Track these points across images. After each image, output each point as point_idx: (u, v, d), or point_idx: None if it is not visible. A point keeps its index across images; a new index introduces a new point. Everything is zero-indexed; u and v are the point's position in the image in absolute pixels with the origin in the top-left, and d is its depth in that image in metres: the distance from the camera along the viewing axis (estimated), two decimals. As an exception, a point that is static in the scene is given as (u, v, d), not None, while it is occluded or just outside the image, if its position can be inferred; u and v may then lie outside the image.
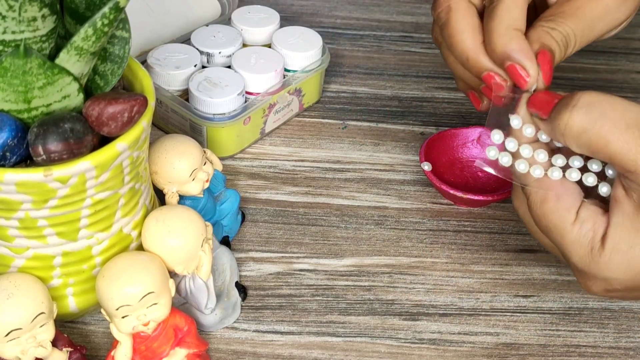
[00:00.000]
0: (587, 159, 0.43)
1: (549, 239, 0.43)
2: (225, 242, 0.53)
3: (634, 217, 0.40)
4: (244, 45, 0.64)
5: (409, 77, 0.70)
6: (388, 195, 0.59)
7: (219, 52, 0.61)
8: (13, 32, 0.37)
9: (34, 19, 0.37)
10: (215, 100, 0.57)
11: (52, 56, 0.38)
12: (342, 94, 0.68)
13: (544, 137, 0.43)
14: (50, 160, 0.38)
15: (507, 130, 0.44)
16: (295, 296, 0.51)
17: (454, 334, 0.50)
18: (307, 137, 0.63)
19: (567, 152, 0.43)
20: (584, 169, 0.43)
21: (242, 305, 0.50)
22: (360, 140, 0.63)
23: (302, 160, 0.61)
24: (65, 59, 0.38)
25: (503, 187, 0.57)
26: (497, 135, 0.44)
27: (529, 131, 0.43)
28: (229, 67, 0.61)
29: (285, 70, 0.62)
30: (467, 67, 0.47)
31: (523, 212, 0.46)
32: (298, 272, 0.53)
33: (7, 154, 0.38)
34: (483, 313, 0.51)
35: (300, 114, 0.65)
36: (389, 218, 0.57)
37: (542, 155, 0.43)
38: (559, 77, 0.70)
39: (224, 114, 0.57)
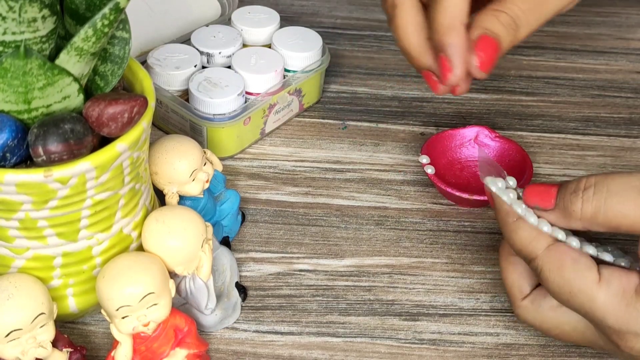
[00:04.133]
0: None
1: (576, 306, 0.41)
2: (226, 242, 0.53)
3: None
4: (244, 45, 0.64)
5: (409, 77, 0.70)
6: (388, 195, 0.59)
7: (219, 53, 0.61)
8: (13, 33, 0.37)
9: (34, 20, 0.37)
10: (216, 100, 0.57)
11: (52, 57, 0.38)
12: (342, 94, 0.68)
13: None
14: (51, 161, 0.38)
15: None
16: (295, 296, 0.51)
17: (454, 334, 0.50)
18: (307, 138, 0.63)
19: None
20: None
21: (242, 306, 0.50)
22: (360, 140, 0.63)
23: (302, 161, 0.61)
24: (65, 59, 0.38)
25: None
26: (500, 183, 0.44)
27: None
28: (229, 67, 0.61)
29: (285, 70, 0.62)
30: (410, 62, 0.49)
31: (532, 317, 0.45)
32: (298, 273, 0.53)
33: (7, 154, 0.38)
34: (483, 313, 0.51)
35: (300, 114, 0.65)
36: (389, 218, 0.57)
37: (545, 228, 0.42)
38: (559, 77, 0.71)
39: (224, 114, 0.57)
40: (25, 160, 0.40)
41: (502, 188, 0.44)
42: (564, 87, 0.70)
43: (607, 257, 0.42)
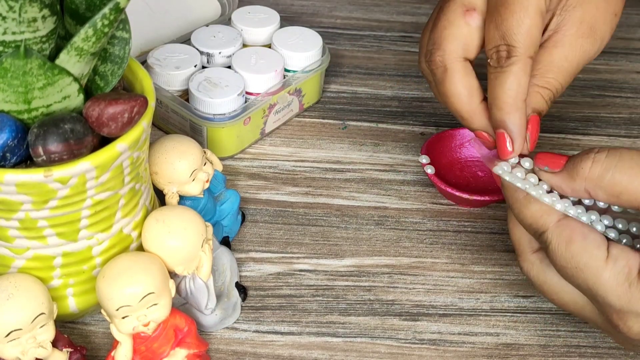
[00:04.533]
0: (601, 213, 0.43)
1: (580, 282, 0.41)
2: (226, 242, 0.53)
3: None
4: (244, 45, 0.64)
5: (409, 77, 0.70)
6: (388, 195, 0.59)
7: (219, 53, 0.61)
8: (13, 33, 0.37)
9: (34, 20, 0.37)
10: (216, 100, 0.57)
11: (52, 57, 0.38)
12: (342, 94, 0.68)
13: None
14: (51, 161, 0.38)
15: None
16: (295, 296, 0.51)
17: (454, 334, 0.50)
18: (307, 138, 0.63)
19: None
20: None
21: (242, 306, 0.50)
22: (360, 140, 0.63)
23: (302, 161, 0.61)
24: (65, 59, 0.38)
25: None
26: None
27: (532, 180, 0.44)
28: (229, 67, 0.61)
29: (286, 70, 0.62)
30: (461, 122, 0.49)
31: (535, 274, 0.44)
32: (298, 273, 0.53)
33: (7, 154, 0.38)
34: (483, 313, 0.51)
35: (300, 114, 0.65)
36: (389, 218, 0.57)
37: (559, 205, 0.43)
38: (559, 77, 0.71)
39: (224, 114, 0.57)
40: (25, 160, 0.40)
41: (512, 173, 0.44)
42: (564, 87, 0.70)
43: (613, 233, 0.43)
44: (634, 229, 0.43)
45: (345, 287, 0.52)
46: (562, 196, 0.43)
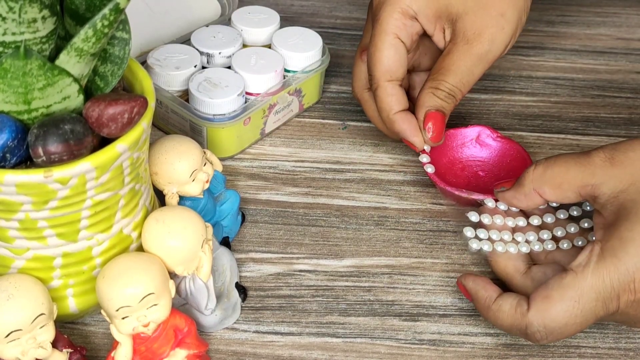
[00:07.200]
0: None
1: (588, 319, 0.44)
2: (225, 242, 0.53)
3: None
4: (244, 45, 0.64)
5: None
6: (388, 195, 0.59)
7: (219, 53, 0.61)
8: (13, 34, 0.37)
9: (34, 21, 0.37)
10: (215, 100, 0.57)
11: (52, 57, 0.38)
12: (342, 94, 0.68)
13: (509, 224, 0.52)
14: (50, 162, 0.38)
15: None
16: (295, 297, 0.51)
17: (454, 334, 0.50)
18: (307, 138, 0.63)
19: (523, 230, 0.52)
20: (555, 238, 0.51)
21: (242, 306, 0.50)
22: (360, 140, 0.63)
23: (302, 161, 0.61)
24: (65, 60, 0.38)
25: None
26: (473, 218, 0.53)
27: (498, 221, 0.51)
28: (229, 67, 0.61)
29: (285, 70, 0.62)
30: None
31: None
32: (298, 273, 0.53)
33: (7, 155, 0.38)
34: (483, 314, 0.51)
35: (300, 115, 0.65)
36: (389, 219, 0.57)
37: (524, 249, 0.51)
38: (559, 77, 0.71)
39: (224, 114, 0.57)
40: (25, 161, 0.40)
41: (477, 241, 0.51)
42: (564, 87, 0.70)
43: (566, 244, 0.50)
44: (572, 229, 0.51)
45: (345, 287, 0.52)
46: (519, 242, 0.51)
